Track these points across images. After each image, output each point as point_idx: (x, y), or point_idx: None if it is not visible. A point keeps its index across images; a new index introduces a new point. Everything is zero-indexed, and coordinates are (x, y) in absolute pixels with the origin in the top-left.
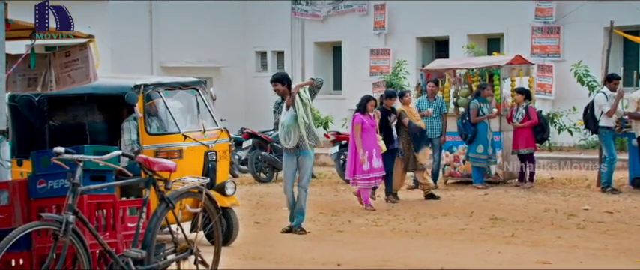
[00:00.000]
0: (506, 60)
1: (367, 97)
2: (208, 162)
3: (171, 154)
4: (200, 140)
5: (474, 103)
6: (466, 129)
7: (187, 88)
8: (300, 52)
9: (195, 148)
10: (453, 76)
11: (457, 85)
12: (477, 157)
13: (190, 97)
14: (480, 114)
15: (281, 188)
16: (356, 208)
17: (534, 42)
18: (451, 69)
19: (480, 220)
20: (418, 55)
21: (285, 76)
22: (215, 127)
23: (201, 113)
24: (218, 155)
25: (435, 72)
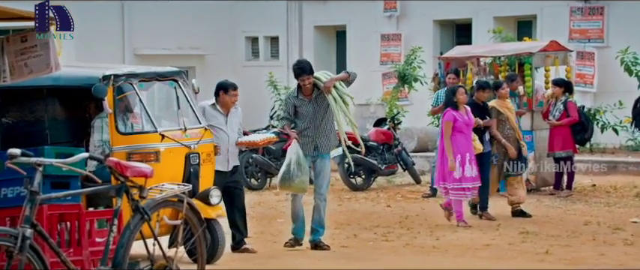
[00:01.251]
0: (540, 46)
1: (454, 88)
2: (190, 166)
3: (146, 157)
4: (180, 140)
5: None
6: None
7: (165, 79)
8: (297, 38)
9: (174, 150)
10: (477, 66)
11: (481, 76)
12: None
13: (169, 90)
14: None
15: (275, 196)
16: (363, 220)
17: (573, 25)
18: (474, 57)
19: (509, 234)
20: (435, 41)
21: (308, 64)
22: (198, 125)
23: (182, 109)
24: (201, 158)
25: (456, 61)
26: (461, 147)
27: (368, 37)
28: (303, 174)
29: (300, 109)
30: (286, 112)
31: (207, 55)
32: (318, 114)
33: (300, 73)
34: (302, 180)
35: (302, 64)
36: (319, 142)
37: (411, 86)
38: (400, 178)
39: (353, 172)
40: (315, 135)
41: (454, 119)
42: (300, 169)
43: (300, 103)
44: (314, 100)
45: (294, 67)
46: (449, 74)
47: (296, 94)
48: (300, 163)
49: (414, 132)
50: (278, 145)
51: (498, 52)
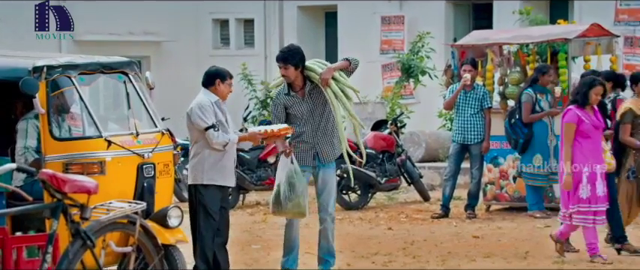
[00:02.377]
0: (578, 31)
1: (590, 80)
2: (143, 179)
3: (88, 168)
4: (131, 148)
5: (528, 95)
6: (517, 131)
7: (112, 71)
8: (277, 21)
9: (123, 160)
10: (499, 56)
11: (505, 68)
12: (533, 173)
13: (117, 85)
14: (536, 110)
15: (249, 217)
16: (358, 246)
17: (620, 4)
18: (496, 44)
19: (540, 264)
20: (448, 25)
21: (297, 52)
22: (153, 129)
23: (134, 109)
24: (157, 169)
25: (473, 49)
26: (588, 156)
27: (364, 20)
28: (297, 195)
29: (292, 110)
30: (276, 116)
31: (164, 42)
32: (316, 113)
33: (277, 60)
34: (297, 203)
35: (287, 51)
36: (320, 149)
37: (417, 81)
38: (404, 194)
39: (346, 186)
40: (315, 140)
41: (578, 120)
42: (292, 189)
43: (292, 102)
44: (308, 97)
45: (279, 52)
46: (464, 65)
47: (286, 90)
48: (292, 181)
49: (421, 137)
50: (253, 153)
51: (526, 39)
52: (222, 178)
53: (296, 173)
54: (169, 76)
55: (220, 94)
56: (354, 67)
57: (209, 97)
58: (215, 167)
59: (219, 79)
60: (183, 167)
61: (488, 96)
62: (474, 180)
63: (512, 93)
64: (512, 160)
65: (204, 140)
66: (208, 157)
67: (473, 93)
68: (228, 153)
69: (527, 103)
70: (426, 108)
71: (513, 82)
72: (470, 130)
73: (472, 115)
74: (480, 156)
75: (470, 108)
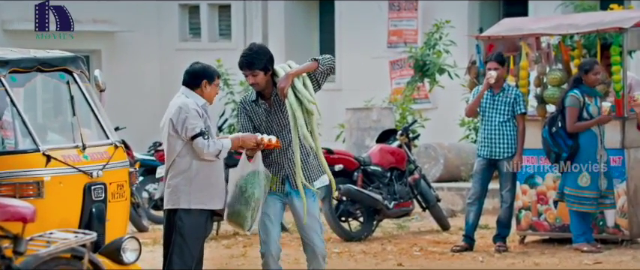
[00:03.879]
0: (636, 18)
1: None
2: (91, 203)
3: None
4: (76, 164)
5: (574, 98)
6: (560, 144)
7: (53, 69)
8: (259, 7)
9: (66, 179)
10: (536, 50)
11: (543, 65)
12: (579, 195)
13: (58, 86)
14: (584, 117)
15: (226, 249)
16: None
17: None
18: (532, 35)
19: None
20: (472, 12)
21: (264, 52)
22: (104, 142)
23: (79, 116)
24: (109, 191)
25: (503, 42)
26: None
27: (368, 6)
28: (242, 203)
29: (256, 122)
30: (242, 128)
31: (119, 33)
32: (285, 128)
33: (242, 67)
34: (237, 211)
35: (251, 52)
36: (291, 172)
37: (433, 81)
38: (418, 221)
39: (346, 212)
40: (284, 161)
41: None
42: (240, 193)
43: (257, 113)
44: (276, 107)
45: (240, 56)
46: (491, 60)
47: (254, 97)
48: (242, 184)
49: (438, 151)
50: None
51: (570, 28)
52: (210, 199)
53: (254, 175)
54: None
55: (207, 97)
56: (326, 69)
57: (195, 99)
58: (204, 187)
59: (206, 80)
60: (143, 189)
61: (521, 99)
62: (505, 204)
63: (552, 96)
64: (553, 180)
65: (191, 153)
66: (196, 175)
67: (502, 95)
68: (217, 169)
69: (572, 107)
70: (445, 115)
71: (554, 82)
72: (498, 141)
73: (501, 123)
74: (511, 174)
75: (498, 114)
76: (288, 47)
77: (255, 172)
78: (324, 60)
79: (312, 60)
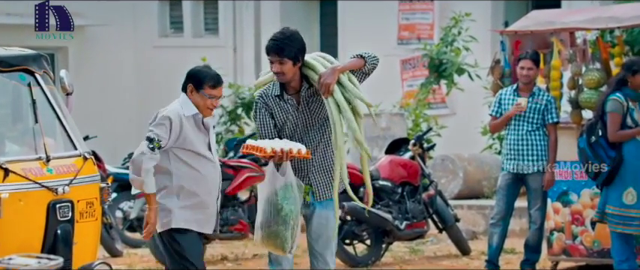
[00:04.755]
0: None
1: None
2: (57, 224)
3: None
4: (39, 179)
5: (616, 102)
6: (600, 155)
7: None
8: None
9: (27, 196)
10: (570, 46)
11: (578, 65)
12: (624, 214)
13: (17, 88)
14: (628, 124)
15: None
16: None
17: None
18: (565, 30)
19: None
20: (496, 4)
21: (297, 39)
22: (71, 153)
23: (42, 123)
24: (77, 210)
25: (532, 37)
26: None
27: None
28: (279, 222)
29: (280, 120)
30: (263, 127)
31: (89, 27)
32: (313, 129)
33: (269, 51)
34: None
35: (283, 37)
36: (316, 180)
37: (451, 83)
38: (434, 244)
39: (350, 234)
40: (309, 168)
41: None
42: (275, 212)
43: (283, 110)
44: (305, 105)
45: (269, 40)
46: (521, 60)
47: (278, 91)
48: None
49: (457, 163)
50: None
51: (609, 22)
52: (196, 220)
53: (287, 190)
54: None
55: (198, 105)
56: (370, 68)
57: (185, 107)
58: (189, 205)
59: (191, 85)
60: (116, 207)
61: (554, 106)
62: (534, 225)
63: (589, 100)
64: (590, 197)
65: (170, 166)
66: (180, 191)
67: (531, 101)
68: (206, 185)
69: (615, 113)
70: (465, 121)
71: (591, 84)
72: (526, 153)
73: (530, 132)
74: (541, 191)
75: (526, 122)
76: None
77: (288, 186)
78: (371, 59)
79: (357, 56)
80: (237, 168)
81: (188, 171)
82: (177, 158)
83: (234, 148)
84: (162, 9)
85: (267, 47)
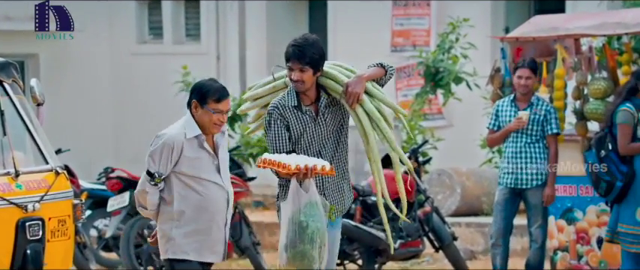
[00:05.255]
0: None
1: None
2: (26, 243)
3: None
4: (7, 195)
5: (626, 113)
6: (611, 170)
7: None
8: (236, 4)
9: None
10: (575, 54)
11: (583, 73)
12: (636, 233)
13: None
14: (638, 137)
15: None
16: None
17: None
18: (570, 36)
19: None
20: (496, 9)
21: (318, 46)
22: (42, 167)
23: (11, 135)
24: (48, 228)
25: (534, 44)
26: None
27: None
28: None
29: (296, 133)
30: (278, 140)
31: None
32: (328, 143)
33: (290, 57)
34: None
35: (305, 43)
36: (329, 197)
37: (448, 92)
38: (430, 264)
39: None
40: (324, 184)
41: None
42: (301, 231)
43: (300, 122)
44: (322, 116)
45: (289, 45)
46: (518, 69)
47: (295, 102)
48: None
49: (455, 178)
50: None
51: (617, 28)
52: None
53: (312, 207)
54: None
55: (202, 123)
56: (388, 79)
57: (188, 128)
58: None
59: (195, 100)
60: (91, 225)
61: (554, 116)
62: (535, 244)
63: (595, 111)
64: (596, 214)
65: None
66: (180, 216)
67: (530, 111)
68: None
69: (625, 125)
70: (463, 134)
71: (597, 93)
72: (525, 167)
73: (529, 144)
74: (541, 207)
75: (525, 134)
76: (271, 51)
77: (312, 203)
78: (390, 69)
79: (378, 65)
80: None
81: (190, 195)
82: (178, 182)
83: None
84: (141, 14)
85: (287, 53)
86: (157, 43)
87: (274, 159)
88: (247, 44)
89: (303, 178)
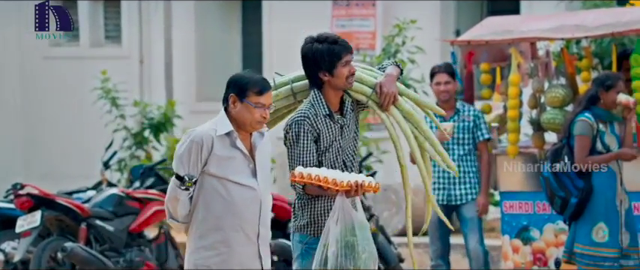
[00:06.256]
0: None
1: None
2: None
3: None
4: None
5: (584, 123)
6: (566, 185)
7: None
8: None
9: None
10: (531, 59)
11: (540, 80)
12: (595, 254)
13: None
14: (598, 149)
15: None
16: None
17: None
18: (525, 39)
19: None
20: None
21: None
22: None
23: None
24: None
25: (487, 48)
26: None
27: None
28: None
29: (325, 143)
30: (307, 154)
31: None
32: (350, 152)
33: (342, 52)
34: None
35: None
36: None
37: None
38: None
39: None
40: None
41: None
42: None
43: (330, 131)
44: (347, 123)
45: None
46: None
47: (326, 110)
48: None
49: (400, 194)
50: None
51: (576, 31)
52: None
53: (363, 229)
54: None
55: (242, 120)
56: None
57: (220, 125)
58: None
59: (233, 94)
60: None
61: (482, 121)
62: (474, 262)
63: (553, 121)
64: (554, 233)
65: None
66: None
67: (457, 119)
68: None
69: (583, 136)
70: None
71: (555, 102)
72: (458, 181)
73: (462, 156)
74: (477, 220)
75: (457, 145)
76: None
77: (363, 225)
78: (402, 68)
79: (393, 64)
80: (144, 200)
81: (213, 199)
82: (204, 184)
83: (140, 177)
84: None
85: (340, 48)
86: (73, 46)
87: (318, 174)
88: (173, 45)
89: (354, 194)
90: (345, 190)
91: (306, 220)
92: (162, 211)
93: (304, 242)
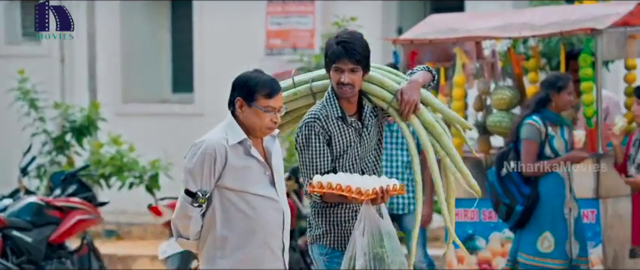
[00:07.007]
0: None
1: None
2: None
3: None
4: None
5: (531, 127)
6: (511, 191)
7: None
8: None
9: None
10: (476, 59)
11: (485, 81)
12: (540, 264)
13: None
14: (546, 154)
15: None
16: None
17: None
18: (470, 39)
19: None
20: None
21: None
22: None
23: None
24: None
25: (430, 47)
26: None
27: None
28: None
29: (339, 148)
30: (320, 158)
31: None
32: (370, 161)
33: (337, 57)
34: None
35: (352, 38)
36: None
37: None
38: None
39: None
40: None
41: None
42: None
43: (343, 134)
44: (366, 129)
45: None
46: None
47: (338, 112)
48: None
49: None
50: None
51: (523, 29)
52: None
53: (391, 239)
54: None
55: (247, 127)
56: (432, 86)
57: (230, 133)
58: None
59: (240, 98)
60: None
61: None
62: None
63: (499, 124)
64: (501, 243)
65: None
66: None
67: (397, 126)
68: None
69: (530, 141)
70: None
71: (501, 104)
72: None
73: (406, 163)
74: (420, 231)
75: (401, 151)
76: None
77: (391, 234)
78: (436, 75)
79: (426, 69)
80: (65, 209)
81: (234, 216)
82: (222, 199)
83: (61, 184)
84: None
85: (334, 52)
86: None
87: (339, 182)
88: (97, 44)
89: (380, 201)
90: (372, 198)
91: (321, 229)
92: (85, 220)
93: (324, 254)
